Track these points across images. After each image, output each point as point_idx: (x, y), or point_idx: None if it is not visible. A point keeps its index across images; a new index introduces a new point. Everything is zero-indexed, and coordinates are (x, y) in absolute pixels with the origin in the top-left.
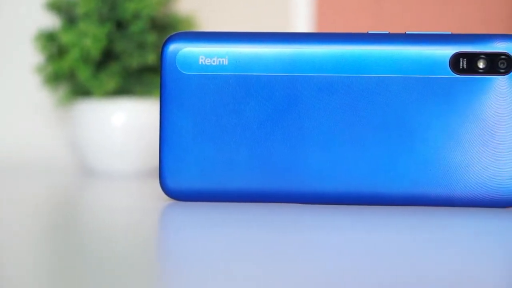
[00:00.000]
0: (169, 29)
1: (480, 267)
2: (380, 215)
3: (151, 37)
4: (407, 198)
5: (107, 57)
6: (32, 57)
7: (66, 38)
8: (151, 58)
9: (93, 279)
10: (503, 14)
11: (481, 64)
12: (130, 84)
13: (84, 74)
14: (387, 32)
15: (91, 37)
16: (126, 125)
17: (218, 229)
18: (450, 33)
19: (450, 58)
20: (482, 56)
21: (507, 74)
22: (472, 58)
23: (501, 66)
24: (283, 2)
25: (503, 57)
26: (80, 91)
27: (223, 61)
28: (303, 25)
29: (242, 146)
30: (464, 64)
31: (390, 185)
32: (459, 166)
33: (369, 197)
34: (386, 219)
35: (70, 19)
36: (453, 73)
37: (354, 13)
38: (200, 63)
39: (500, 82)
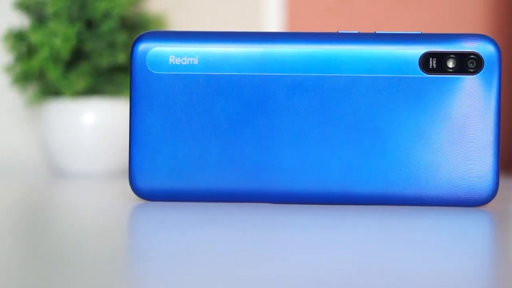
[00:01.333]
0: (140, 29)
1: (450, 265)
2: (351, 214)
3: (122, 37)
4: (377, 198)
5: (77, 56)
6: (1, 57)
7: (35, 37)
8: (121, 57)
9: (61, 279)
10: (473, 14)
11: (450, 64)
12: (100, 83)
13: (53, 73)
14: (357, 32)
15: (60, 37)
16: (96, 125)
17: (188, 229)
18: (420, 32)
19: (420, 58)
20: (452, 55)
21: (476, 73)
22: (441, 57)
23: (471, 65)
24: (254, 2)
25: (472, 56)
26: (50, 91)
27: (193, 60)
28: (274, 25)
29: (213, 145)
30: (433, 63)
31: (360, 184)
32: (429, 166)
33: (340, 196)
34: (356, 218)
35: (39, 19)
36: (422, 73)
37: (325, 13)
38: (170, 62)
39: (469, 81)
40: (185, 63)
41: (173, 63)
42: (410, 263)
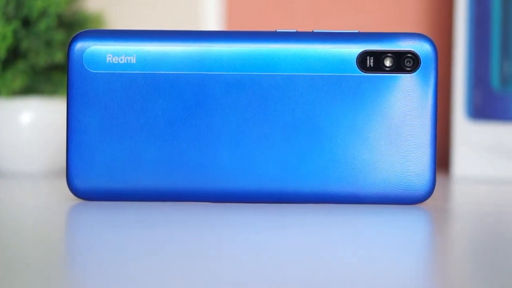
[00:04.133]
0: (77, 27)
1: (387, 263)
2: (289, 212)
3: (59, 35)
4: (315, 196)
5: (14, 55)
6: None
7: None
8: (58, 56)
9: None
10: (410, 13)
11: (387, 63)
12: (37, 82)
13: None
14: (295, 31)
15: None
16: (34, 124)
17: (126, 229)
18: (358, 31)
19: (357, 57)
20: (389, 54)
21: (413, 72)
22: (379, 56)
23: (407, 64)
24: (193, 1)
25: (409, 55)
26: None
27: (130, 59)
28: (213, 23)
29: (151, 145)
30: (371, 62)
31: (299, 183)
32: (367, 164)
33: (278, 195)
34: (295, 216)
35: None
36: (360, 71)
37: (264, 11)
38: (107, 61)
39: (406, 80)
40: (122, 62)
41: (111, 62)
42: (348, 261)
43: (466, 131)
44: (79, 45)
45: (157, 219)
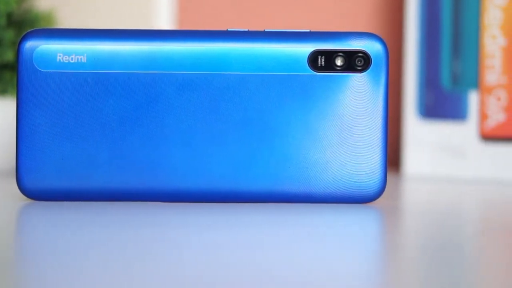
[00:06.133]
0: (28, 26)
1: (338, 262)
2: (241, 212)
3: (9, 34)
4: (268, 195)
5: None
6: None
7: None
8: (8, 55)
9: None
10: (362, 13)
11: (339, 62)
12: None
13: None
14: (247, 30)
15: None
16: None
17: (77, 229)
18: (309, 30)
19: (309, 56)
20: (340, 53)
21: (364, 71)
22: (330, 55)
23: (359, 63)
24: (144, 0)
25: (360, 54)
26: None
27: (81, 58)
28: (164, 22)
29: (102, 144)
30: (322, 61)
31: (251, 182)
32: (318, 163)
33: (230, 194)
34: (246, 216)
35: None
36: (311, 71)
37: (216, 11)
38: (58, 60)
39: (357, 79)
40: (73, 61)
41: (61, 61)
42: (299, 260)
43: (417, 130)
44: (29, 44)
45: (108, 219)
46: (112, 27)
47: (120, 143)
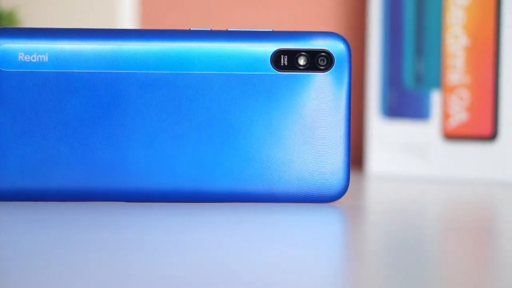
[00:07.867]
0: None
1: (301, 261)
2: (203, 212)
3: None
4: (230, 195)
5: None
6: None
7: None
8: None
9: None
10: (324, 12)
11: (301, 61)
12: None
13: None
14: (209, 29)
15: None
16: None
17: (39, 230)
18: (272, 30)
19: (272, 55)
20: (302, 53)
21: (327, 71)
22: (292, 55)
23: (321, 63)
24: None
25: (323, 54)
26: None
27: (43, 57)
28: (127, 22)
29: (63, 144)
30: (285, 61)
31: (213, 181)
32: (281, 162)
33: (193, 194)
34: (209, 215)
35: None
36: (274, 70)
37: (178, 10)
38: (19, 59)
39: (320, 78)
40: (34, 60)
41: (23, 60)
42: (261, 259)
43: (380, 130)
44: None
45: (70, 219)
46: (74, 26)
47: (82, 143)
